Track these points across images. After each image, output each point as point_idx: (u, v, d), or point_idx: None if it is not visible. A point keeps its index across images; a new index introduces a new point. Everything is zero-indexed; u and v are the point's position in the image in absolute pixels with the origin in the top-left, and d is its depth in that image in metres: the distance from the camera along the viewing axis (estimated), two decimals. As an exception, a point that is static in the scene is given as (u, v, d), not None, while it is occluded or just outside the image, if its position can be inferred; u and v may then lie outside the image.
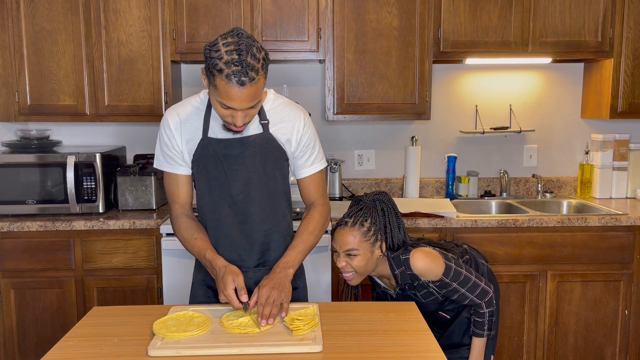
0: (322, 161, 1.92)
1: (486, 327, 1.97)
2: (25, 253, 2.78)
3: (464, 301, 1.95)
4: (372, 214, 1.90)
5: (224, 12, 2.95)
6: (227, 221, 1.84)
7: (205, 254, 1.78)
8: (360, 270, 1.91)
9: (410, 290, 1.96)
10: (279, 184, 1.86)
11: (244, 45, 1.58)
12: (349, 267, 1.90)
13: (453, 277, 1.90)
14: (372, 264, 1.92)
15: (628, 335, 2.94)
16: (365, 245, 1.88)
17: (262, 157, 1.81)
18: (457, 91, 3.45)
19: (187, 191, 1.89)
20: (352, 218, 1.90)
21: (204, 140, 1.80)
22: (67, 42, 2.95)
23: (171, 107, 1.88)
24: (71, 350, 1.54)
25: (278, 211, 1.88)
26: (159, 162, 1.88)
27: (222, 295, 1.67)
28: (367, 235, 1.88)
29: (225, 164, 1.80)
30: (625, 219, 2.84)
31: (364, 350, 1.52)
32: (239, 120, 1.66)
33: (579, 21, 3.05)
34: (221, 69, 1.57)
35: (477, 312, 1.97)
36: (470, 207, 3.30)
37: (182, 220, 1.86)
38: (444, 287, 1.92)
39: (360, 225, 1.88)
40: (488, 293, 1.95)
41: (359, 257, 1.88)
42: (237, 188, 1.81)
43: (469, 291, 1.92)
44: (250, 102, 1.63)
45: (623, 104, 3.12)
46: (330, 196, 3.33)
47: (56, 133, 3.32)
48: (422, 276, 1.90)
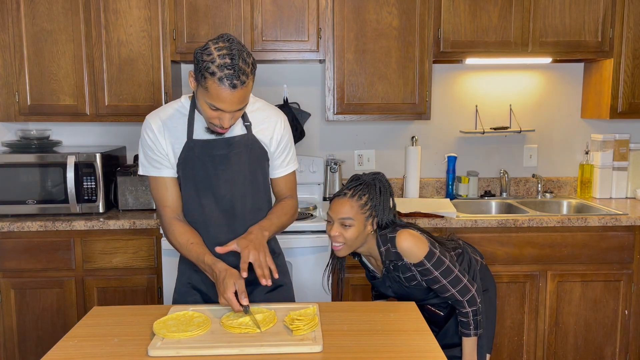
0: (295, 162, 2.03)
1: (472, 326, 1.97)
2: (26, 253, 2.78)
3: (445, 294, 1.96)
4: (370, 190, 1.96)
5: (224, 12, 2.95)
6: (215, 221, 1.88)
7: (204, 259, 1.78)
8: (350, 242, 1.95)
9: (395, 272, 1.98)
10: (261, 183, 1.94)
11: (236, 50, 1.64)
12: (341, 237, 1.94)
13: (435, 264, 1.91)
14: (362, 238, 1.96)
15: (628, 335, 2.94)
16: (360, 217, 1.93)
17: (247, 157, 1.87)
18: (457, 91, 3.45)
19: (175, 193, 1.90)
20: (351, 190, 1.96)
21: (189, 142, 1.83)
22: (67, 42, 2.95)
23: (152, 112, 1.91)
24: (71, 350, 1.54)
25: (261, 209, 1.94)
26: (144, 168, 1.89)
27: (222, 299, 1.68)
28: (363, 209, 1.93)
29: (211, 165, 1.84)
30: (625, 219, 2.84)
31: (364, 350, 1.52)
32: (226, 122, 1.71)
33: (579, 21, 3.05)
34: (214, 72, 1.62)
35: (460, 311, 1.98)
36: (470, 207, 3.30)
37: (175, 226, 1.86)
38: (425, 274, 1.93)
39: (358, 197, 1.93)
40: (470, 291, 1.95)
41: (353, 228, 1.92)
42: (223, 188, 1.86)
43: (451, 284, 1.93)
44: (240, 104, 1.69)
45: (623, 104, 3.12)
46: (330, 196, 3.33)
47: (56, 133, 3.32)
48: (405, 256, 1.92)
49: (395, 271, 1.98)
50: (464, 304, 1.95)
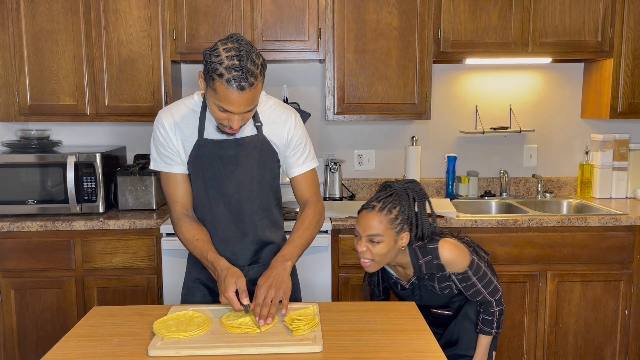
0: (314, 161, 1.95)
1: (495, 324, 1.97)
2: (26, 253, 2.78)
3: (476, 297, 1.94)
4: (401, 202, 1.83)
5: (224, 12, 2.95)
6: (223, 220, 1.88)
7: (207, 256, 1.79)
8: (379, 259, 1.83)
9: (428, 281, 1.92)
10: (270, 184, 1.91)
11: (244, 51, 1.62)
12: (368, 253, 1.83)
13: (475, 271, 1.89)
14: (393, 253, 1.85)
15: (628, 335, 2.94)
16: (390, 232, 1.81)
17: (256, 158, 1.85)
18: (457, 91, 3.45)
19: (186, 189, 1.90)
20: (380, 202, 1.82)
21: (199, 141, 1.83)
22: (67, 42, 2.95)
23: (165, 107, 1.91)
24: (71, 350, 1.54)
25: (269, 210, 1.93)
26: (155, 163, 1.90)
27: (223, 297, 1.68)
28: (393, 223, 1.81)
29: (220, 165, 1.83)
30: (625, 219, 2.84)
31: (364, 350, 1.52)
32: (235, 124, 1.70)
33: (578, 21, 3.05)
34: (222, 74, 1.60)
35: (487, 310, 1.96)
36: (470, 207, 3.30)
37: (183, 221, 1.87)
38: (464, 281, 1.90)
39: (388, 211, 1.81)
40: (499, 291, 1.96)
41: (382, 244, 1.81)
42: (231, 188, 1.85)
43: (484, 287, 1.92)
44: (248, 106, 1.67)
45: (623, 104, 3.12)
46: (330, 196, 3.33)
47: (56, 133, 3.32)
48: (448, 267, 1.87)
49: (430, 280, 1.92)
50: (493, 304, 1.95)
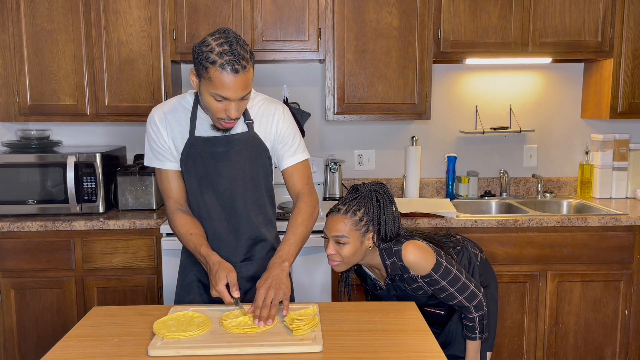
0: (305, 152, 1.97)
1: (477, 330, 1.96)
2: (26, 253, 2.78)
3: (451, 301, 1.94)
4: (366, 204, 1.89)
5: (224, 12, 2.95)
6: (215, 217, 1.91)
7: (200, 250, 1.82)
8: (347, 260, 1.89)
9: (399, 282, 1.96)
10: (262, 180, 1.94)
11: (232, 37, 1.67)
12: (337, 255, 1.89)
13: (442, 275, 1.89)
14: (360, 254, 1.91)
15: (628, 335, 2.94)
16: (355, 234, 1.87)
17: (247, 154, 1.88)
18: (457, 91, 3.45)
19: (179, 185, 1.93)
20: (345, 205, 1.89)
21: (191, 139, 1.86)
22: (67, 42, 2.95)
23: (157, 105, 1.94)
24: (71, 350, 1.54)
25: (262, 207, 1.95)
26: (148, 159, 1.94)
27: (214, 291, 1.71)
28: (358, 225, 1.87)
29: (212, 162, 1.86)
30: (625, 219, 2.84)
31: (364, 350, 1.52)
32: (233, 112, 1.72)
33: (578, 21, 3.05)
34: (214, 60, 1.64)
35: (466, 316, 1.96)
36: (470, 207, 3.30)
37: (177, 216, 1.91)
38: (432, 284, 1.91)
39: (352, 214, 1.87)
40: (477, 296, 1.93)
41: (348, 245, 1.87)
42: (223, 184, 1.88)
43: (458, 292, 1.91)
44: (243, 90, 1.69)
45: (623, 104, 3.12)
46: (330, 196, 3.33)
47: (56, 133, 3.32)
48: (412, 269, 1.89)
49: (400, 281, 1.95)
50: (471, 310, 1.94)
